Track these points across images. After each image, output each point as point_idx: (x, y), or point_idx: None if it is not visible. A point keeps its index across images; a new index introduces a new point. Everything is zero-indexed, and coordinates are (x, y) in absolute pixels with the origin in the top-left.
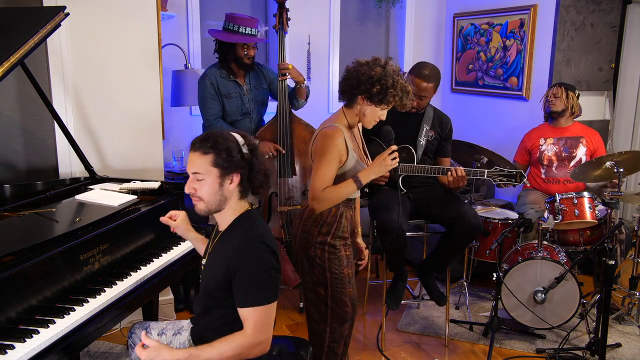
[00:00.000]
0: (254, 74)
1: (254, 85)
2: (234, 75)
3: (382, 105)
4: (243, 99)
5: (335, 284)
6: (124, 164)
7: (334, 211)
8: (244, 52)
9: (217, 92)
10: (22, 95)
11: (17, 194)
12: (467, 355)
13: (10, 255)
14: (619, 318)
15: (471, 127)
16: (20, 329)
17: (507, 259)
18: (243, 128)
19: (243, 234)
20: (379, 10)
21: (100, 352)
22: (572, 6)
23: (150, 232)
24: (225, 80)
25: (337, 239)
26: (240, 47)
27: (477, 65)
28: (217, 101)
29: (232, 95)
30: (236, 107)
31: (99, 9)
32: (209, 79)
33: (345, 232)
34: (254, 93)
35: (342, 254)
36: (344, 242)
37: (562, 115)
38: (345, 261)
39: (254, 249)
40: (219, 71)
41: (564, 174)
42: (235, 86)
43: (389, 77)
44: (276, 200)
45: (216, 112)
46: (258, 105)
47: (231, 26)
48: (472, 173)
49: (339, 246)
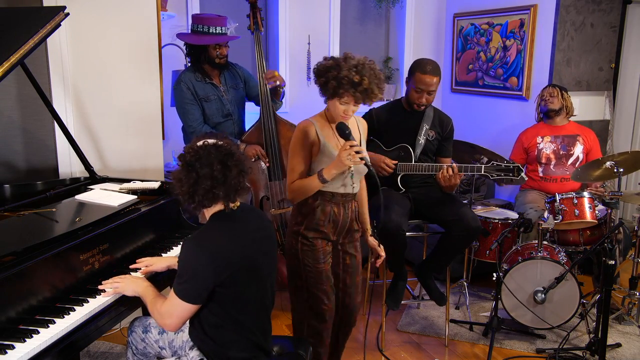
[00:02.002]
0: (229, 73)
1: (231, 85)
2: (209, 77)
3: (338, 99)
4: (222, 101)
5: (308, 277)
6: (124, 164)
7: (310, 202)
8: (216, 52)
9: (195, 97)
10: (22, 95)
11: (17, 194)
12: (467, 355)
13: (10, 255)
14: (619, 318)
15: (471, 127)
16: (20, 329)
17: (507, 259)
18: (226, 131)
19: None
20: (379, 10)
21: (100, 352)
22: (572, 6)
23: (150, 232)
24: (201, 84)
25: (311, 231)
26: (212, 48)
27: (477, 65)
28: (196, 106)
29: (211, 97)
30: (216, 109)
31: (99, 8)
32: (184, 84)
33: (322, 226)
34: (232, 93)
35: (317, 248)
36: (320, 235)
37: (559, 114)
38: (322, 256)
39: (185, 245)
40: (193, 75)
41: (562, 171)
42: (213, 88)
43: (333, 70)
44: (268, 204)
45: (197, 116)
46: (238, 105)
47: (200, 27)
48: (470, 169)
49: (312, 239)
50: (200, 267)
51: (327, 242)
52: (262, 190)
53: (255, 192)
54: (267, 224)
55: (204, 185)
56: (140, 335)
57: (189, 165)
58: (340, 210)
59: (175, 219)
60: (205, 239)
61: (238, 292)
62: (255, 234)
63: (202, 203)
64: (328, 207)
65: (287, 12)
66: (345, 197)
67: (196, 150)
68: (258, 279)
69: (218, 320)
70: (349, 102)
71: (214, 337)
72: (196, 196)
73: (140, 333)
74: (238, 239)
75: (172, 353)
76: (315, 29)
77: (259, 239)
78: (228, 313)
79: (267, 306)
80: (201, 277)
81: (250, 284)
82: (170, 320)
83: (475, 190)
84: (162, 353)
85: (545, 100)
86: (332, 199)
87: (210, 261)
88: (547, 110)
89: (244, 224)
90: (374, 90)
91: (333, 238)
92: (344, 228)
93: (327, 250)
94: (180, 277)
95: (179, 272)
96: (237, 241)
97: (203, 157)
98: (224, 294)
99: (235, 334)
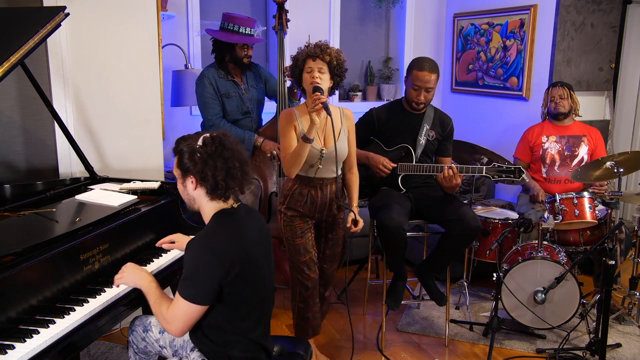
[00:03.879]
0: (251, 73)
1: (252, 85)
2: (231, 75)
3: (305, 72)
4: (242, 98)
5: (290, 249)
6: (124, 164)
7: (290, 185)
8: (243, 52)
9: (216, 92)
10: (22, 95)
11: (17, 194)
12: (467, 355)
13: (10, 255)
14: (619, 318)
15: (471, 127)
16: (21, 329)
17: (507, 259)
18: (244, 127)
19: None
20: (379, 10)
21: (100, 352)
22: (572, 6)
23: (151, 232)
24: (223, 80)
25: (290, 210)
26: (239, 48)
27: (477, 65)
28: (217, 101)
29: (232, 94)
30: (236, 106)
31: (99, 9)
32: (207, 79)
33: (299, 207)
34: (252, 92)
35: (294, 225)
36: (297, 214)
37: (568, 116)
38: (300, 232)
39: (192, 246)
40: (216, 71)
41: (566, 173)
42: (234, 86)
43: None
44: (276, 200)
45: (217, 111)
46: (257, 104)
47: (230, 26)
48: (471, 170)
49: (291, 216)
50: (210, 267)
51: (305, 219)
52: (272, 186)
53: (265, 188)
54: (265, 225)
55: (228, 167)
56: (141, 334)
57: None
58: (317, 192)
59: (175, 219)
60: (213, 239)
61: (241, 291)
62: (256, 234)
63: (217, 184)
64: (305, 190)
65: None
66: (322, 181)
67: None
68: (259, 278)
69: (219, 320)
70: (311, 64)
71: (214, 337)
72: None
73: (140, 332)
74: (242, 238)
75: (172, 352)
76: (315, 29)
77: (260, 239)
78: (229, 313)
79: (267, 306)
80: (210, 277)
81: (252, 284)
82: (177, 325)
83: (475, 190)
84: (163, 352)
85: (556, 103)
86: (309, 183)
87: (219, 261)
88: (557, 113)
89: (246, 224)
90: (321, 44)
91: (316, 216)
92: (323, 208)
93: (304, 227)
94: (187, 279)
95: (185, 274)
96: (242, 241)
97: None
98: (228, 294)
99: (236, 334)
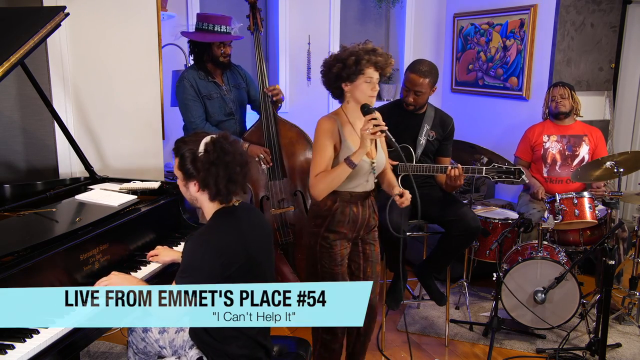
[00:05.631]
0: (231, 73)
1: (233, 85)
2: (211, 76)
3: (360, 77)
4: (225, 99)
5: (324, 278)
6: (124, 164)
7: (329, 204)
8: (220, 51)
9: (197, 94)
10: (22, 95)
11: (17, 194)
12: (467, 355)
13: (10, 255)
14: (619, 318)
15: (471, 127)
16: (21, 329)
17: (507, 259)
18: (228, 129)
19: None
20: (379, 10)
21: (100, 352)
22: (572, 6)
23: (150, 232)
24: (204, 82)
25: (331, 233)
26: (216, 47)
27: (477, 65)
28: (199, 102)
29: (213, 96)
30: (219, 107)
31: (99, 9)
32: (187, 80)
33: (342, 227)
34: (234, 93)
35: (335, 251)
36: (339, 236)
37: (569, 115)
38: (340, 259)
39: (191, 240)
40: (196, 72)
41: (567, 173)
42: (215, 87)
43: (346, 51)
44: (268, 204)
45: (200, 113)
46: (240, 105)
47: (205, 25)
48: (470, 171)
49: (332, 241)
50: (206, 261)
51: (346, 242)
52: (262, 190)
53: (255, 192)
54: (266, 222)
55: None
56: (141, 334)
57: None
58: (359, 209)
59: (175, 219)
60: (211, 235)
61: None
62: (257, 232)
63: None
64: (347, 208)
65: (287, 12)
66: (365, 195)
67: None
68: (259, 275)
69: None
70: (372, 74)
71: (213, 334)
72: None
73: (140, 332)
74: (242, 235)
75: (172, 352)
76: (315, 29)
77: (261, 236)
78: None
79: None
80: (207, 272)
81: (252, 279)
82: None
83: (475, 190)
84: (163, 352)
85: (557, 102)
86: (350, 199)
87: (217, 256)
88: (557, 113)
89: (246, 221)
90: (385, 54)
91: (352, 236)
92: (362, 225)
93: (345, 253)
94: (184, 272)
95: (182, 267)
96: (242, 237)
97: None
98: None
99: (235, 330)
